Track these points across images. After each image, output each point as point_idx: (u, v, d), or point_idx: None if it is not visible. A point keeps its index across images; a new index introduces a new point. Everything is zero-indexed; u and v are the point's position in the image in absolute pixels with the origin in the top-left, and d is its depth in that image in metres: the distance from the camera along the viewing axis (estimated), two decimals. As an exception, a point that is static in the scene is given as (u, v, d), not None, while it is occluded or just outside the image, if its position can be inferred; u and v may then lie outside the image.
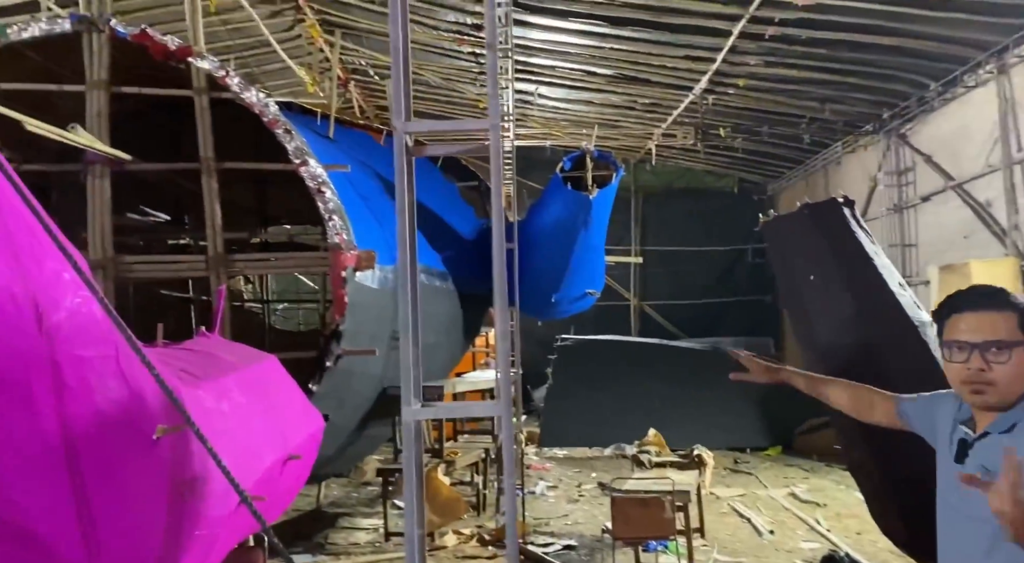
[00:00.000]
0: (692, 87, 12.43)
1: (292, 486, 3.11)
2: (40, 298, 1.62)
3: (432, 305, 7.95)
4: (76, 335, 1.69)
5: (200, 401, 2.37)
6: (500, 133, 2.13)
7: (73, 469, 1.73)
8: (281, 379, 3.36)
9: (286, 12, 12.08)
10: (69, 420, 1.70)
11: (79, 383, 1.71)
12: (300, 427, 3.07)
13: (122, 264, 5.82)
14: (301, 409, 3.43)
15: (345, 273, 6.01)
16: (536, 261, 8.57)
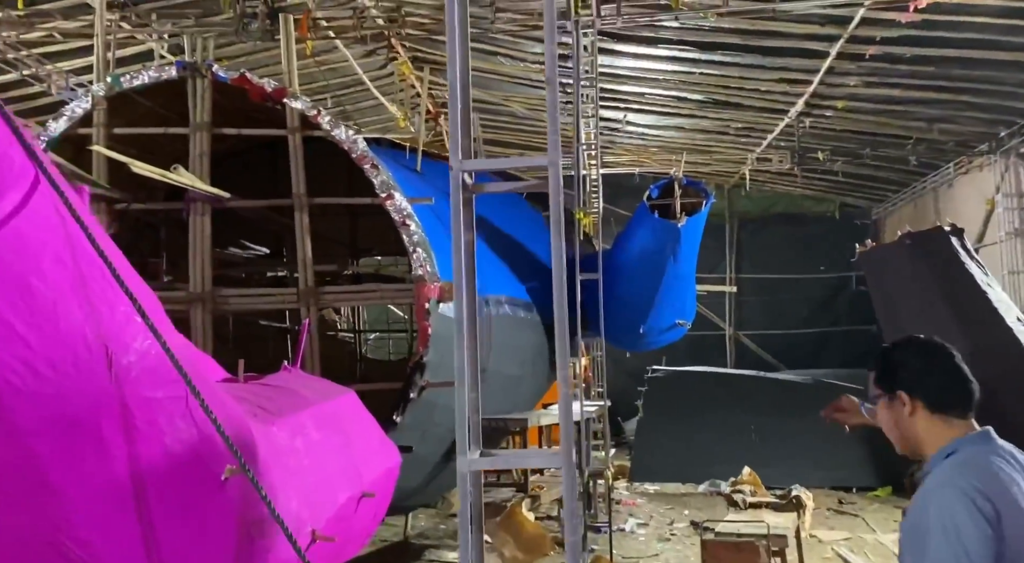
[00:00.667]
0: (787, 110, 12.05)
1: (368, 523, 3.09)
2: (111, 341, 1.65)
3: (516, 336, 7.91)
4: (145, 377, 1.72)
5: (273, 438, 2.39)
6: (560, 170, 2.06)
7: (142, 509, 1.74)
8: (358, 414, 3.37)
9: (379, 51, 12.44)
10: (138, 461, 1.72)
11: (148, 424, 1.74)
12: (376, 463, 3.05)
13: (220, 297, 6.05)
14: (378, 445, 3.42)
15: (428, 305, 6.04)
16: (622, 291, 8.41)
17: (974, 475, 1.75)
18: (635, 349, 11.40)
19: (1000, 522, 1.68)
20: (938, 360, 1.95)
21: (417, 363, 5.96)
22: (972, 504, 1.70)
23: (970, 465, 1.78)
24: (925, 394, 1.91)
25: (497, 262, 7.98)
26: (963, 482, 1.73)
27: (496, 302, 7.42)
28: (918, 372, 1.93)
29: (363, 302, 6.31)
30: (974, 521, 1.67)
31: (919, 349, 1.98)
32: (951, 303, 3.58)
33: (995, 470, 1.77)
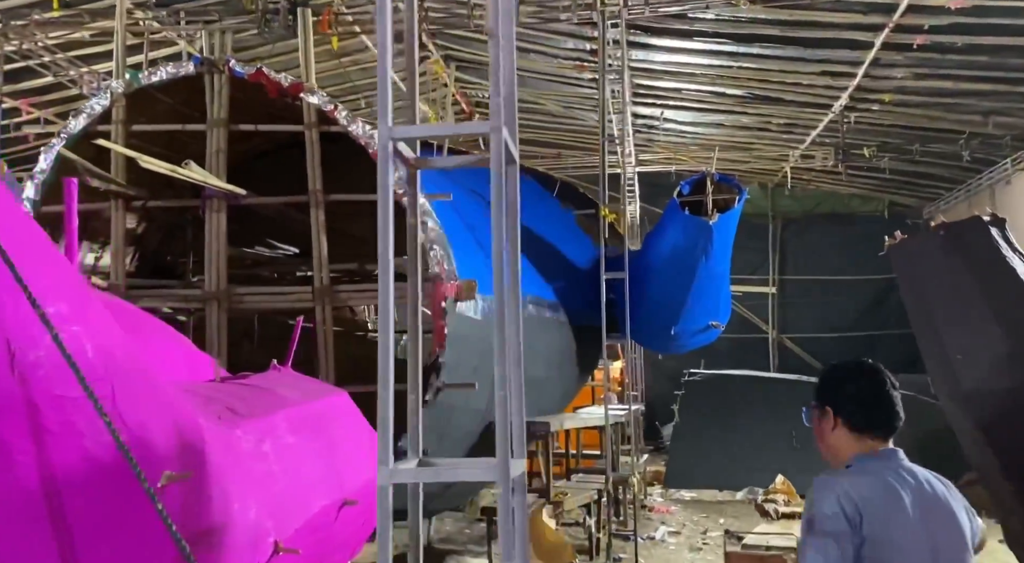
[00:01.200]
0: (831, 105, 11.60)
1: (355, 532, 2.91)
2: (13, 335, 1.50)
3: (541, 337, 7.70)
4: (57, 375, 1.57)
5: (234, 442, 2.23)
6: (502, 138, 1.84)
7: (57, 521, 1.59)
8: (347, 416, 3.21)
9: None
10: (50, 467, 1.57)
11: (62, 427, 1.58)
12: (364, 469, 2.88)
13: (235, 295, 5.97)
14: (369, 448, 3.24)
15: (445, 304, 5.88)
16: (653, 292, 8.13)
17: (850, 481, 1.97)
18: (667, 351, 11.10)
19: (861, 523, 1.88)
20: (867, 386, 2.13)
21: (432, 364, 5.79)
22: (837, 502, 1.93)
23: (854, 474, 1.99)
24: (847, 414, 2.11)
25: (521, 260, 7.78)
26: (837, 485, 1.96)
27: (519, 302, 7.22)
28: (846, 394, 2.12)
29: (375, 300, 6.15)
30: (833, 517, 1.89)
31: (853, 373, 2.18)
32: (990, 301, 3.27)
33: (875, 480, 1.97)
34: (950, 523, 2.01)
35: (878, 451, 2.08)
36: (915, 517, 1.96)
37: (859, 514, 1.91)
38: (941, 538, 1.98)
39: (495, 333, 1.89)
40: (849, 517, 1.91)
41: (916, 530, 1.95)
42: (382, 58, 1.93)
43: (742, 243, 17.34)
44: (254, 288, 6.40)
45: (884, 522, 1.91)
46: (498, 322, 1.94)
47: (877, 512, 1.92)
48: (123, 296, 5.89)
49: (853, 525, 1.90)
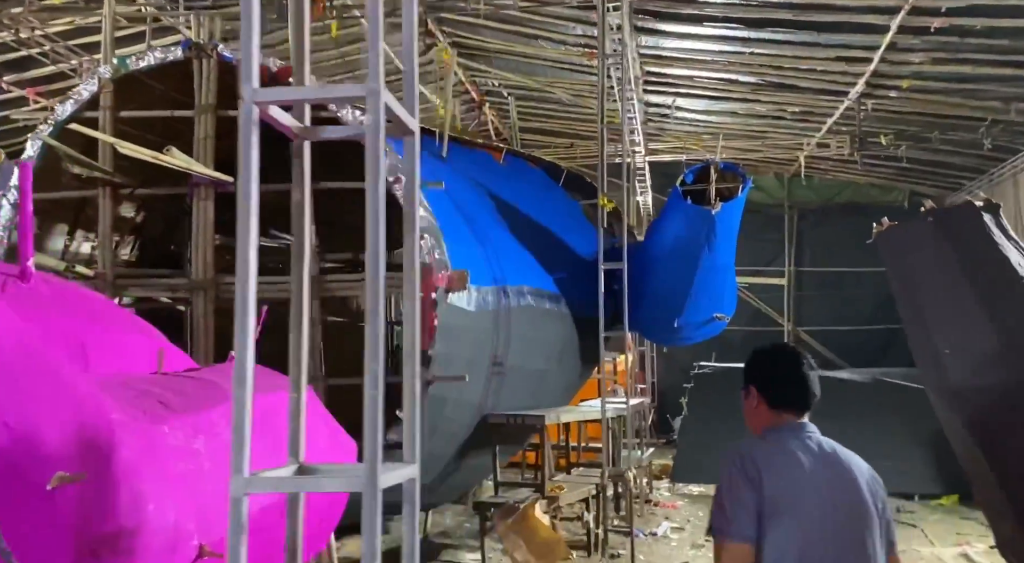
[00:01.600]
0: (847, 92, 11.28)
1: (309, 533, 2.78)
2: None
3: (541, 329, 7.54)
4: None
5: (157, 438, 2.11)
6: (381, 102, 1.68)
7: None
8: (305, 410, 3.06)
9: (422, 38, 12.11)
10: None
11: (-71, 425, 1.46)
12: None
13: (222, 284, 5.88)
14: (326, 444, 3.12)
15: (435, 294, 5.74)
16: (656, 283, 7.94)
17: (751, 446, 2.20)
18: (671, 344, 10.89)
19: (761, 482, 2.10)
20: (784, 368, 2.35)
21: (422, 356, 5.66)
22: (739, 466, 2.16)
23: (758, 441, 2.22)
24: (766, 392, 2.33)
25: (521, 251, 7.62)
26: (740, 451, 2.19)
27: (517, 292, 7.07)
28: (765, 374, 2.35)
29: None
30: (737, 478, 2.13)
31: (772, 355, 2.43)
32: (980, 292, 3.06)
33: (775, 446, 2.21)
34: (850, 487, 2.23)
35: (787, 423, 2.31)
36: (812, 476, 2.19)
37: (758, 474, 2.14)
38: (839, 498, 2.20)
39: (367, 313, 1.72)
40: (750, 477, 2.15)
41: (813, 488, 2.18)
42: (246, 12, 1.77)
43: (757, 234, 17.21)
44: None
45: (781, 479, 2.15)
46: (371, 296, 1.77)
47: (775, 471, 2.16)
48: (110, 285, 5.82)
49: (754, 485, 2.13)
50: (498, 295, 6.72)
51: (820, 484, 2.19)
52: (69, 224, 6.73)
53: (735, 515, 2.14)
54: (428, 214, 5.87)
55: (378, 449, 1.55)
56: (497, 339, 6.68)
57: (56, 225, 6.60)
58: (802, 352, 2.43)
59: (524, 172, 9.62)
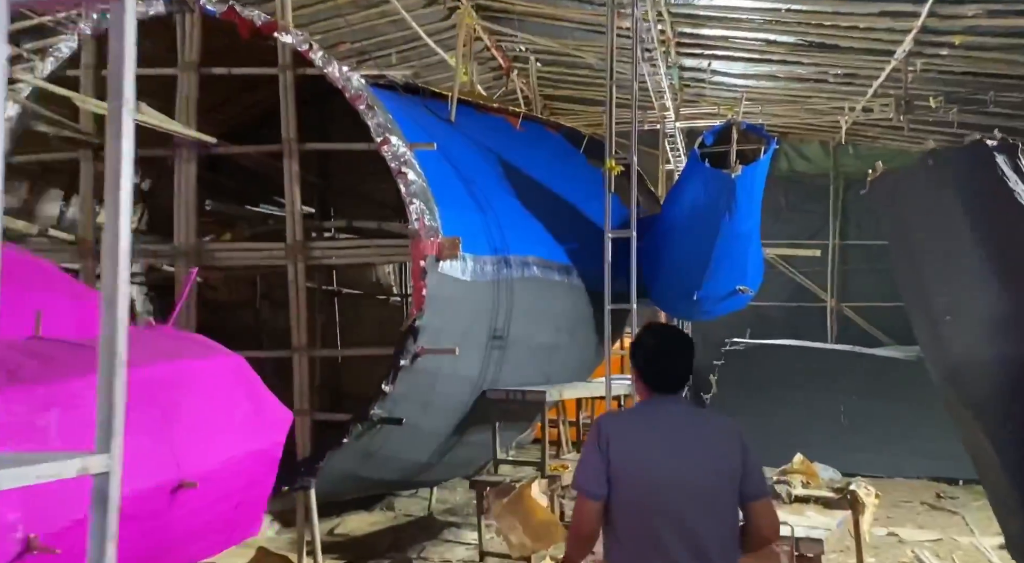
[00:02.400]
0: (893, 51, 10.51)
1: (210, 519, 2.52)
2: None
3: (548, 301, 7.19)
4: None
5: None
6: (133, 8, 1.34)
7: None
8: (219, 385, 2.79)
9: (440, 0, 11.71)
10: None
11: None
12: (222, 444, 2.48)
13: (205, 251, 5.67)
14: (242, 422, 2.83)
15: (424, 262, 5.43)
16: (673, 253, 7.48)
17: (613, 417, 2.75)
18: (692, 318, 10.39)
19: (608, 447, 2.44)
20: (654, 349, 2.62)
21: (410, 328, 5.37)
22: (596, 433, 2.53)
23: (622, 413, 2.83)
24: (645, 374, 2.62)
25: (529, 219, 7.25)
26: (600, 421, 2.58)
27: (521, 263, 6.71)
28: (645, 357, 2.62)
29: (355, 259, 5.76)
30: (590, 445, 2.49)
31: (652, 338, 2.69)
32: (989, 246, 2.56)
33: (633, 415, 2.73)
34: (708, 451, 2.52)
35: (655, 398, 2.61)
36: (664, 440, 2.50)
37: (607, 442, 2.46)
38: (688, 460, 2.48)
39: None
40: (600, 444, 2.47)
41: (660, 453, 2.47)
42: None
43: (801, 205, 16.44)
44: (225, 244, 6.09)
45: (626, 445, 2.45)
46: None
47: (622, 438, 2.47)
48: (91, 252, 5.65)
49: (601, 451, 2.46)
50: (499, 265, 6.37)
51: (668, 449, 2.49)
52: (63, 189, 6.61)
53: (586, 475, 2.49)
54: (418, 177, 5.55)
55: (112, 423, 1.23)
56: (497, 311, 6.35)
57: (48, 190, 6.47)
58: (681, 334, 2.78)
59: (542, 138, 9.21)
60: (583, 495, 2.50)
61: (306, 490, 5.29)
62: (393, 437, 5.61)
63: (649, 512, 2.44)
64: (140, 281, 7.19)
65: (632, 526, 2.44)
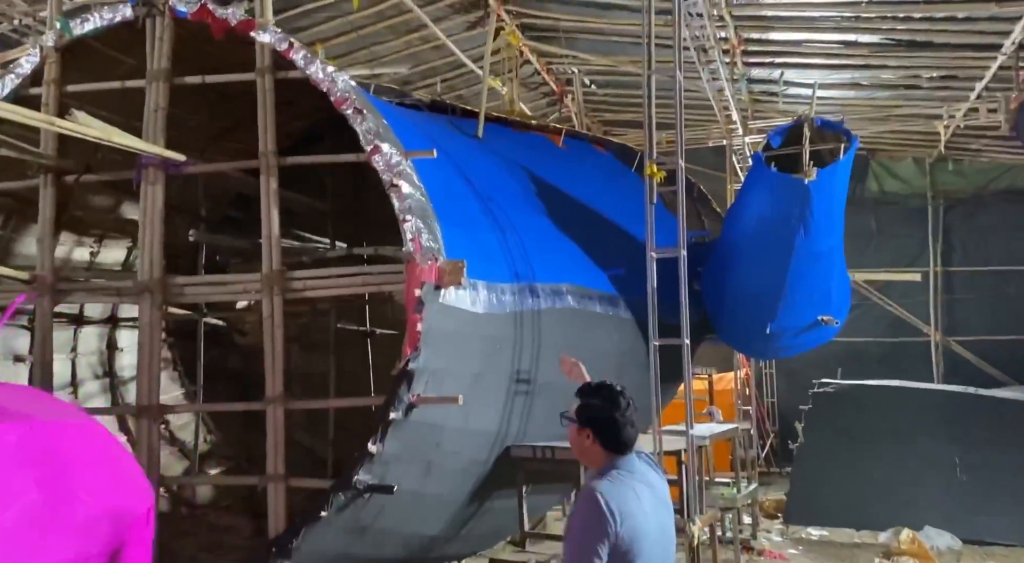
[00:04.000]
0: (1000, 44, 9.09)
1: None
2: None
3: (589, 336, 6.10)
4: None
5: None
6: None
7: None
8: (39, 453, 1.87)
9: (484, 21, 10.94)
10: None
11: None
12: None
13: (172, 285, 4.87)
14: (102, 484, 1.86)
15: (420, 291, 4.46)
16: (741, 279, 6.31)
17: (609, 489, 2.48)
18: (768, 356, 9.07)
19: (617, 525, 2.40)
20: (617, 414, 2.60)
21: (403, 372, 4.39)
22: (603, 508, 2.44)
23: (610, 482, 2.50)
24: (602, 437, 2.60)
25: (564, 242, 6.22)
26: (599, 489, 2.48)
27: (552, 292, 5.68)
28: (599, 419, 2.61)
29: (341, 290, 4.86)
30: (598, 522, 2.40)
31: (607, 400, 2.63)
32: None
33: (625, 487, 2.51)
34: (667, 513, 2.63)
35: (623, 460, 2.58)
36: (650, 510, 2.50)
37: (614, 516, 2.39)
38: (665, 523, 2.58)
39: None
40: (608, 519, 2.39)
41: (651, 521, 2.48)
42: None
43: (895, 230, 14.79)
44: (195, 277, 5.30)
45: (630, 520, 2.41)
46: None
47: (626, 512, 2.42)
48: (49, 289, 4.94)
49: (611, 527, 2.39)
50: (521, 294, 5.35)
51: (654, 519, 2.48)
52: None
53: (593, 559, 2.34)
54: (415, 190, 4.62)
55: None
56: (521, 349, 5.31)
57: (28, 225, 5.85)
58: (624, 393, 2.62)
59: (587, 155, 8.22)
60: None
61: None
62: (390, 508, 4.60)
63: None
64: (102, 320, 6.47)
65: None
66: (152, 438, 4.70)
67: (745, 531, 9.04)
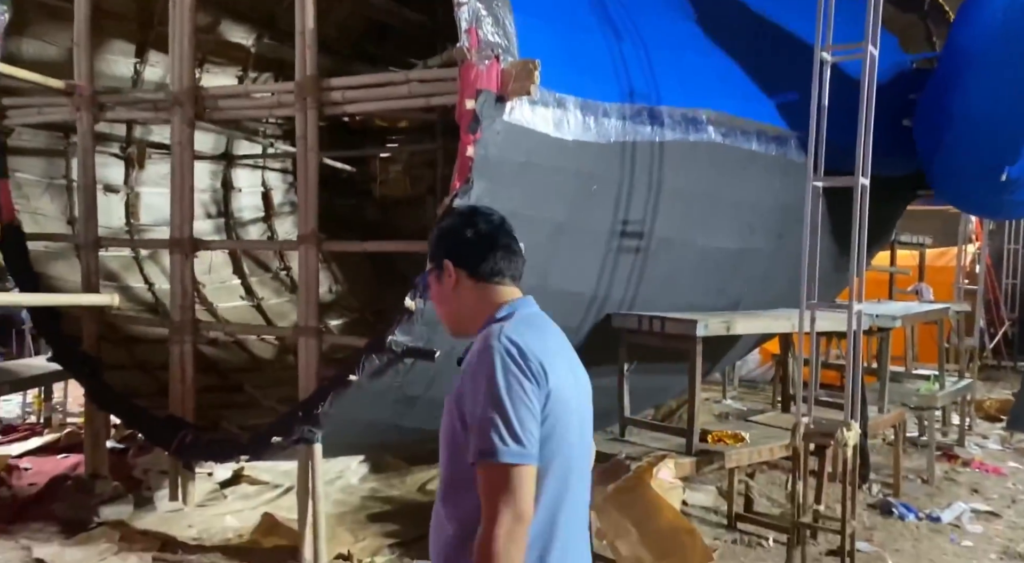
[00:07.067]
0: None
1: None
2: None
3: (738, 182, 4.65)
4: None
5: None
6: None
7: None
8: None
9: None
10: None
11: None
12: None
13: (207, 98, 4.09)
14: None
15: (476, 102, 3.32)
16: (969, 103, 4.44)
17: (524, 334, 1.59)
18: (998, 214, 6.86)
19: (547, 380, 1.56)
20: (485, 228, 1.73)
21: (448, 210, 3.37)
22: (520, 360, 1.54)
23: (520, 325, 1.62)
24: (468, 263, 1.72)
25: (711, 55, 4.67)
26: (512, 337, 1.57)
27: (684, 119, 4.26)
28: (466, 241, 1.72)
29: (384, 103, 3.80)
30: (518, 379, 1.53)
31: (467, 217, 1.76)
32: None
33: (539, 331, 1.64)
34: (584, 375, 1.76)
35: (518, 300, 1.72)
36: (566, 368, 1.66)
37: (543, 369, 1.54)
38: (581, 379, 1.72)
39: None
40: (535, 374, 1.53)
41: (573, 380, 1.67)
42: None
43: None
44: (227, 88, 4.48)
45: (557, 373, 1.58)
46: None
47: (552, 363, 1.58)
48: (88, 102, 4.37)
49: (540, 384, 1.54)
50: (635, 118, 4.01)
51: (571, 374, 1.66)
52: (136, 43, 5.46)
53: (524, 427, 1.49)
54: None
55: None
56: (630, 193, 4.04)
57: (113, 42, 5.33)
58: (494, 211, 1.76)
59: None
60: (522, 460, 1.48)
61: (308, 444, 3.67)
62: (443, 377, 3.72)
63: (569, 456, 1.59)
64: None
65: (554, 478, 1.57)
66: (184, 275, 4.14)
67: (951, 435, 7.37)
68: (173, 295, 4.18)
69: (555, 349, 1.63)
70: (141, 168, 5.75)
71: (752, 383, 9.98)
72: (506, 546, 1.44)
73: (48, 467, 5.66)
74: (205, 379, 4.88)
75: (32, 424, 6.88)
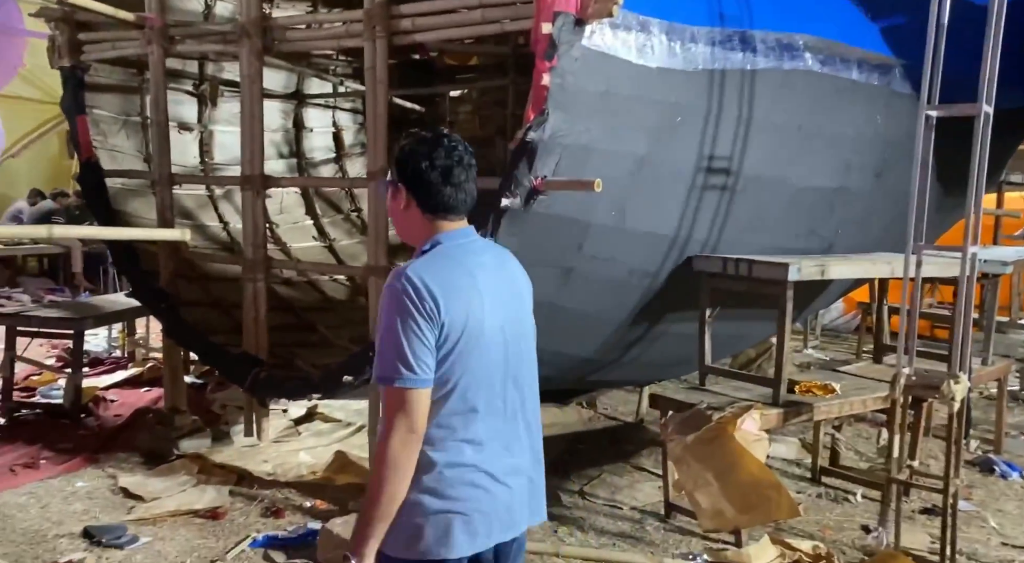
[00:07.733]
0: None
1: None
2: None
3: (837, 116, 4.27)
4: None
5: None
6: None
7: None
8: None
9: None
10: None
11: None
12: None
13: (275, 29, 3.96)
14: None
15: (553, 27, 3.09)
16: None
17: (425, 266, 1.75)
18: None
19: (439, 314, 1.70)
20: (441, 164, 1.79)
21: (521, 144, 3.18)
22: (413, 295, 1.70)
23: (430, 259, 1.78)
24: (419, 194, 1.82)
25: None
26: (410, 274, 1.72)
27: (779, 45, 3.91)
28: (420, 173, 1.80)
29: (457, 31, 3.58)
30: (409, 311, 1.69)
31: (428, 146, 1.80)
32: None
33: (451, 263, 1.78)
34: (518, 302, 1.91)
35: (451, 231, 1.84)
36: (490, 296, 1.79)
37: (436, 304, 1.69)
38: (512, 317, 1.85)
39: None
40: (427, 310, 1.69)
41: (492, 312, 1.78)
42: None
43: None
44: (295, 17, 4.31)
45: (459, 304, 1.72)
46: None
47: (454, 294, 1.72)
48: (159, 34, 4.30)
49: (433, 318, 1.69)
50: (725, 44, 3.69)
51: (495, 304, 1.79)
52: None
53: (416, 356, 1.68)
54: None
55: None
56: (718, 125, 3.75)
57: None
58: (460, 142, 1.81)
59: None
60: (413, 385, 1.68)
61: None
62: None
63: (489, 381, 1.78)
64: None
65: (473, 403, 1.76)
66: (256, 212, 4.09)
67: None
68: (245, 232, 4.15)
69: (462, 285, 1.72)
70: (214, 106, 5.73)
71: (835, 332, 9.56)
72: (399, 451, 1.65)
73: (132, 399, 5.84)
74: (279, 318, 4.89)
75: (117, 358, 7.13)
